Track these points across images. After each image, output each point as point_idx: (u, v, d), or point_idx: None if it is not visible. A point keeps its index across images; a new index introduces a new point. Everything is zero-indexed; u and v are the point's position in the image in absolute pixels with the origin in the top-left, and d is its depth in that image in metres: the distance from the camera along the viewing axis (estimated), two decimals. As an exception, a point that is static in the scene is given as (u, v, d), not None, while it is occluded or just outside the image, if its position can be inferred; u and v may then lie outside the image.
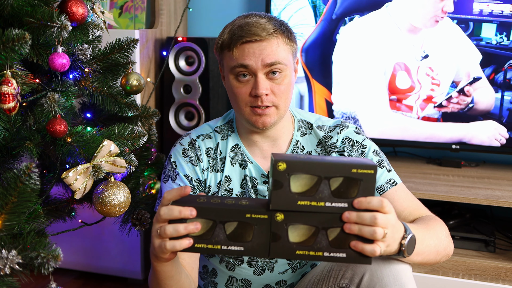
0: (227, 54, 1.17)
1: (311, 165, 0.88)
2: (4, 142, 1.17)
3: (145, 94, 2.03)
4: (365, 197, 0.90)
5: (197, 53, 2.03)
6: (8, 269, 0.95)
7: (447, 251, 1.14)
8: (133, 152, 1.43)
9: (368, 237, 0.90)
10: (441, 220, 1.18)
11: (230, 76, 1.17)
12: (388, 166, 1.26)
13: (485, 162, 2.15)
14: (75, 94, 1.27)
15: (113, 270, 2.15)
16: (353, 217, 0.90)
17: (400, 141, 2.07)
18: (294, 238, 0.91)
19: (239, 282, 1.27)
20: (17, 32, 1.01)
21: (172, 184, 1.24)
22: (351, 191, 0.89)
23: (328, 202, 0.89)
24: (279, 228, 0.90)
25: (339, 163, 0.89)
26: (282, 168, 0.88)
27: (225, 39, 1.16)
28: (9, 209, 0.99)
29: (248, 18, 1.16)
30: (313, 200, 0.89)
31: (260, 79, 1.14)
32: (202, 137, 1.27)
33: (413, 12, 1.96)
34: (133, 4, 2.16)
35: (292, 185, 0.89)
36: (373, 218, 0.89)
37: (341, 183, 0.89)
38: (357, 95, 2.07)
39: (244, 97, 1.16)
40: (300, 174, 0.88)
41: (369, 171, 0.88)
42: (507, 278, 1.69)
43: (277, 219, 0.90)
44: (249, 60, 1.13)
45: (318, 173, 0.88)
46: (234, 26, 1.16)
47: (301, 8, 2.09)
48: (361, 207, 0.90)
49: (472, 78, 1.94)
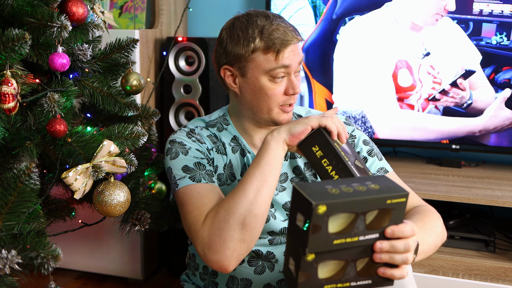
0: (261, 57, 1.17)
1: (350, 204, 0.82)
2: (4, 142, 1.17)
3: (145, 94, 2.03)
4: (397, 226, 0.88)
5: (197, 53, 2.03)
6: (8, 269, 0.95)
7: (442, 240, 1.17)
8: (133, 152, 1.43)
9: (399, 264, 0.89)
10: (434, 210, 1.20)
11: (263, 77, 1.18)
12: (379, 155, 1.29)
13: (485, 162, 2.15)
14: (75, 94, 1.27)
15: (113, 270, 2.15)
16: (386, 247, 0.88)
17: (400, 141, 2.07)
18: (323, 275, 0.87)
19: (240, 281, 1.27)
20: (17, 32, 1.01)
21: (185, 157, 1.22)
22: (383, 221, 0.87)
23: (362, 236, 0.86)
24: (308, 268, 0.86)
25: (375, 198, 0.84)
26: (322, 212, 0.81)
27: (261, 42, 1.16)
28: (9, 209, 0.99)
29: (275, 20, 1.18)
30: (348, 237, 0.85)
31: (294, 78, 1.19)
32: (200, 127, 1.30)
33: (415, 10, 1.96)
34: (133, 4, 2.16)
35: (330, 226, 0.83)
36: (406, 246, 0.89)
37: (375, 216, 0.86)
38: (358, 95, 2.07)
39: (279, 96, 1.19)
40: (339, 214, 0.83)
41: (401, 199, 0.85)
42: (507, 278, 1.69)
43: (307, 259, 0.85)
44: (290, 60, 1.17)
45: (356, 210, 0.83)
46: (270, 28, 1.16)
47: (301, 8, 2.09)
48: (394, 237, 0.88)
49: (464, 70, 1.94)
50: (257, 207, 1.07)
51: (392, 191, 0.85)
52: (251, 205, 1.06)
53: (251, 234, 1.07)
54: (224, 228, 1.06)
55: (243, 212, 1.06)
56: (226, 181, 1.26)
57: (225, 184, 1.26)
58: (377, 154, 1.28)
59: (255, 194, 1.07)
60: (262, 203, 1.07)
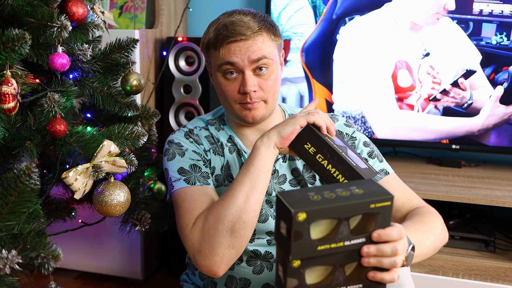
0: (213, 53, 1.18)
1: (330, 210, 0.82)
2: (4, 142, 1.17)
3: (145, 94, 2.03)
4: (384, 230, 0.86)
5: (197, 53, 2.03)
6: (8, 269, 0.95)
7: (443, 243, 1.15)
8: (133, 152, 1.43)
9: (387, 268, 0.88)
10: (435, 211, 1.18)
11: (217, 74, 1.19)
12: (380, 156, 1.28)
13: (485, 162, 2.15)
14: (75, 94, 1.27)
15: (113, 270, 2.15)
16: (373, 252, 0.87)
17: (400, 141, 2.07)
18: (311, 280, 0.86)
19: (239, 281, 1.27)
20: (17, 32, 1.01)
21: (182, 159, 1.22)
22: (369, 225, 0.85)
23: (347, 241, 0.85)
24: (294, 274, 0.85)
25: (357, 202, 0.83)
26: (302, 219, 0.81)
27: (211, 38, 1.17)
28: (9, 209, 0.99)
29: (233, 16, 1.16)
30: (333, 243, 0.84)
31: (248, 76, 1.15)
32: (199, 127, 1.30)
33: (415, 9, 1.96)
34: (133, 4, 2.16)
35: (312, 233, 0.83)
36: (394, 250, 0.87)
37: (360, 221, 0.84)
38: (358, 95, 2.07)
39: (233, 94, 1.17)
40: (320, 220, 0.82)
41: (386, 203, 0.84)
42: (507, 278, 1.69)
43: (293, 266, 0.85)
44: (235, 57, 1.14)
45: (338, 215, 0.83)
46: (219, 25, 1.16)
47: (301, 8, 2.09)
48: (380, 240, 0.87)
49: (465, 70, 1.94)
50: (246, 213, 1.06)
51: (376, 195, 0.84)
52: (240, 212, 1.06)
53: (240, 240, 1.06)
54: (213, 235, 1.06)
55: (232, 219, 1.05)
56: (224, 182, 1.26)
57: (222, 185, 1.26)
58: (377, 156, 1.27)
59: (244, 201, 1.06)
60: (251, 209, 1.07)
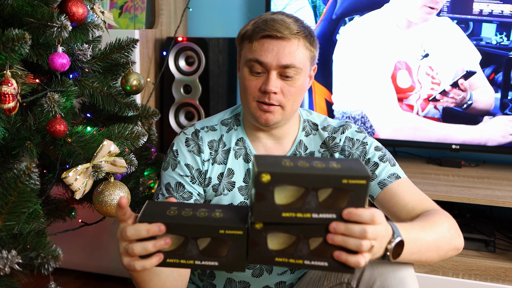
0: (246, 46, 1.17)
1: (297, 177, 0.80)
2: (4, 142, 1.17)
3: (145, 94, 2.03)
4: (356, 209, 0.83)
5: (197, 53, 2.03)
6: (8, 269, 0.95)
7: (453, 244, 1.08)
8: (133, 152, 1.43)
9: (353, 249, 0.85)
10: (446, 213, 1.13)
11: (244, 68, 1.17)
12: (392, 160, 1.24)
13: (485, 162, 2.15)
14: (75, 94, 1.27)
15: (113, 270, 2.15)
16: (340, 229, 0.84)
17: (400, 141, 2.07)
18: (273, 246, 0.86)
19: (238, 284, 1.26)
20: (17, 32, 1.01)
21: (172, 173, 1.23)
22: (339, 201, 0.83)
23: (315, 213, 0.83)
24: (257, 236, 0.85)
25: (328, 174, 0.81)
26: (266, 180, 0.80)
27: (248, 29, 1.17)
28: (9, 209, 0.99)
29: (275, 15, 1.16)
30: (299, 212, 0.82)
31: (272, 76, 1.14)
32: (207, 129, 1.27)
33: (408, 7, 1.96)
34: (133, 4, 2.16)
35: (277, 197, 0.81)
36: (362, 232, 0.84)
37: (330, 194, 0.82)
38: (358, 95, 2.07)
39: (253, 90, 1.16)
40: (286, 186, 0.81)
41: (360, 181, 0.81)
42: (507, 278, 1.69)
43: (256, 227, 0.84)
44: (266, 57, 1.13)
45: (305, 184, 0.81)
46: (259, 19, 1.16)
47: (301, 8, 2.09)
48: (350, 219, 0.84)
49: (465, 71, 1.94)
50: None
51: (351, 171, 0.81)
52: None
53: None
54: None
55: None
56: (223, 191, 1.24)
57: (221, 194, 1.24)
58: (389, 160, 1.23)
59: None
60: None
